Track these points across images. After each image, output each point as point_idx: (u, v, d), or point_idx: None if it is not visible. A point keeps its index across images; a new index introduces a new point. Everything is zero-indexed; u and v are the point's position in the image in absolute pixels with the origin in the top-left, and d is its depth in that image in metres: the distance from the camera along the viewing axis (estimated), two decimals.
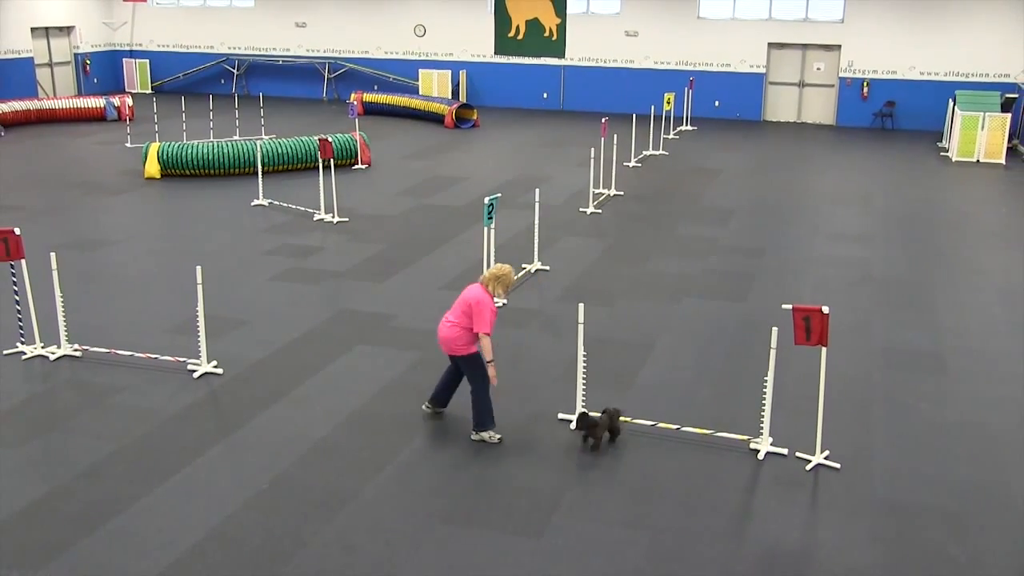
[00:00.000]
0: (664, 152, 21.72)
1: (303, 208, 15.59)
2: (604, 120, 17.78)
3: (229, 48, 30.56)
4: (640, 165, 20.16)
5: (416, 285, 11.88)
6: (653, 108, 22.90)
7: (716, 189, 18.03)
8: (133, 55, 31.29)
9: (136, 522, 6.65)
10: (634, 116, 21.43)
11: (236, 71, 30.39)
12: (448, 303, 8.46)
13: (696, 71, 26.83)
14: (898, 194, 17.93)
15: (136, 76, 30.79)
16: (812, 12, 26.05)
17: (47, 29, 28.49)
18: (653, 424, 8.16)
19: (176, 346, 9.71)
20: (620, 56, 27.61)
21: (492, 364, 7.77)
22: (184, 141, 19.17)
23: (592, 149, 16.96)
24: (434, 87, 28.15)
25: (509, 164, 20.13)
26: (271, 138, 19.95)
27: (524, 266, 12.60)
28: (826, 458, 7.66)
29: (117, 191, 16.92)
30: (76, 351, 9.52)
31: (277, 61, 30.12)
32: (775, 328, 7.72)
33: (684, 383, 9.18)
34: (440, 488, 7.21)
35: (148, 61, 30.86)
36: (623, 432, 8.00)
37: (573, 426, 8.06)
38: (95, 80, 30.17)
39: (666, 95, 23.32)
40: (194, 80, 30.70)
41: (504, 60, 26.45)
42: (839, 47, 25.98)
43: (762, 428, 7.86)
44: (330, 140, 15.41)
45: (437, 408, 8.32)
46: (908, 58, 25.42)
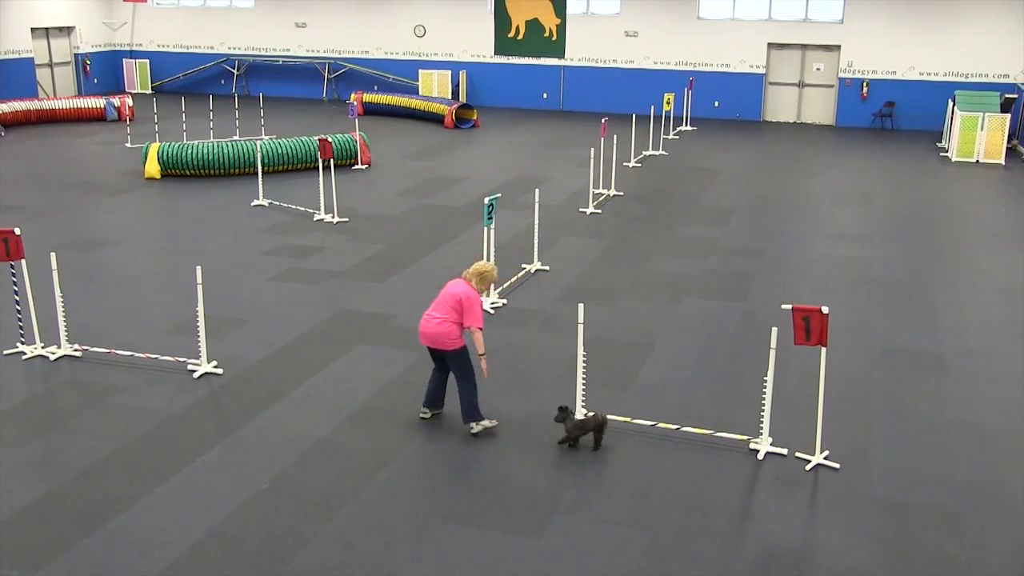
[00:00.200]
0: (664, 152, 21.73)
1: (303, 208, 15.59)
2: (604, 120, 17.79)
3: (229, 48, 30.56)
4: (640, 165, 20.17)
5: (416, 285, 11.87)
6: (653, 108, 22.91)
7: (716, 189, 18.04)
8: (133, 55, 31.29)
9: (136, 522, 6.66)
10: (634, 116, 21.43)
11: (236, 71, 30.39)
12: None
13: (696, 71, 26.83)
14: (898, 194, 17.93)
15: (136, 76, 30.80)
16: (812, 12, 26.05)
17: (47, 29, 28.49)
18: (653, 424, 8.16)
19: (176, 346, 9.71)
20: (620, 56, 27.62)
21: (485, 357, 7.87)
22: (184, 141, 19.18)
23: (592, 149, 16.96)
24: (434, 87, 28.15)
25: (509, 164, 20.14)
26: (271, 138, 19.96)
27: (524, 266, 12.61)
28: (826, 458, 7.67)
29: (117, 191, 16.92)
30: (76, 351, 9.52)
31: (277, 61, 30.12)
32: (775, 328, 7.72)
33: (684, 383, 9.19)
34: (440, 488, 7.22)
35: (148, 61, 30.87)
36: (625, 437, 8.01)
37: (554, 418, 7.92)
38: (95, 80, 30.17)
39: (666, 95, 23.32)
40: (194, 80, 30.70)
41: (504, 60, 26.45)
42: (839, 47, 25.99)
43: (762, 428, 7.86)
44: (330, 140, 15.42)
45: (435, 411, 8.32)
46: (908, 58, 25.42)
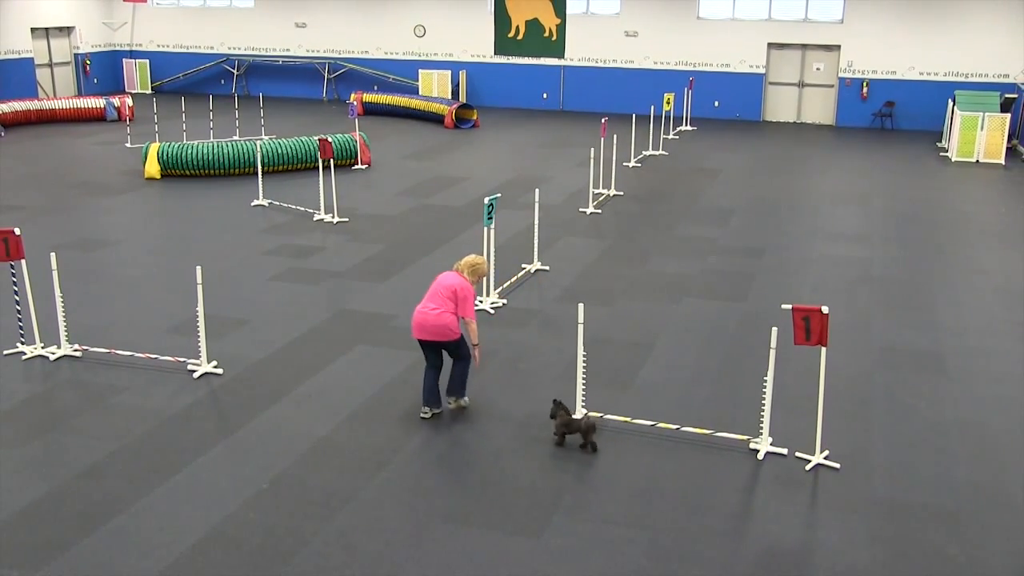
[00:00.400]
0: (664, 152, 21.73)
1: (303, 208, 15.59)
2: (604, 120, 17.79)
3: (229, 48, 30.57)
4: (640, 165, 20.17)
5: (416, 285, 11.83)
6: (653, 108, 22.91)
7: (716, 189, 18.04)
8: (133, 55, 31.30)
9: (136, 522, 6.65)
10: (634, 116, 21.44)
11: (236, 71, 30.39)
12: None
13: (696, 71, 26.84)
14: (897, 194, 17.94)
15: (136, 76, 30.80)
16: (812, 12, 26.06)
17: (47, 29, 28.50)
18: (653, 424, 8.16)
19: (176, 346, 9.71)
20: (620, 56, 27.62)
21: (479, 347, 8.23)
22: (184, 141, 19.18)
23: (592, 149, 16.97)
24: (434, 87, 28.15)
25: (509, 164, 20.14)
26: (271, 138, 19.96)
27: (524, 266, 12.61)
28: (826, 458, 7.67)
29: (117, 191, 16.92)
30: (76, 351, 9.52)
31: (277, 61, 30.12)
32: (775, 328, 7.72)
33: (684, 383, 9.19)
34: (440, 488, 7.22)
35: (148, 61, 30.88)
36: (625, 437, 8.01)
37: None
38: (95, 80, 30.18)
39: (666, 95, 23.33)
40: (194, 80, 30.71)
41: (504, 60, 26.46)
42: (839, 47, 25.99)
43: (762, 428, 7.86)
44: (330, 140, 15.43)
45: (435, 410, 8.32)
46: (907, 58, 25.43)
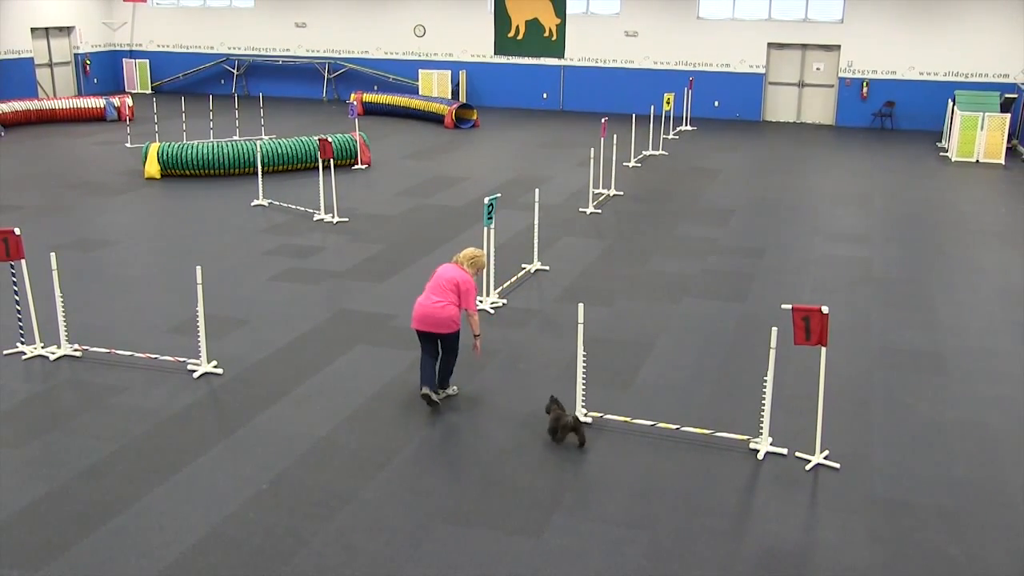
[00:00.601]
0: (664, 152, 21.73)
1: (303, 208, 15.59)
2: (604, 120, 17.79)
3: (229, 48, 30.57)
4: (640, 165, 20.17)
5: (416, 285, 11.78)
6: (653, 108, 22.91)
7: (716, 189, 18.04)
8: (133, 55, 31.30)
9: (136, 522, 6.66)
10: (634, 116, 21.44)
11: (236, 71, 30.39)
12: None
13: (696, 71, 26.84)
14: (898, 194, 17.94)
15: (136, 76, 30.81)
16: (812, 12, 26.06)
17: (47, 29, 28.50)
18: (653, 424, 8.17)
19: (176, 346, 9.71)
20: (620, 56, 27.62)
21: (480, 338, 8.55)
22: (184, 141, 19.18)
23: (592, 149, 16.97)
24: (434, 87, 28.16)
25: (509, 164, 20.14)
26: (271, 138, 19.96)
27: (524, 266, 12.61)
28: (826, 458, 7.67)
29: (117, 191, 16.92)
30: (76, 351, 9.52)
31: (277, 61, 30.13)
32: (775, 328, 7.72)
33: (684, 383, 9.19)
34: (440, 488, 7.22)
35: (148, 61, 30.89)
36: (625, 437, 8.02)
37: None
38: (95, 80, 30.18)
39: (666, 95, 23.33)
40: (194, 80, 30.71)
41: (504, 60, 26.47)
42: (839, 47, 25.99)
43: (762, 428, 7.86)
44: (330, 140, 15.42)
45: (435, 392, 8.35)
46: (907, 58, 25.43)
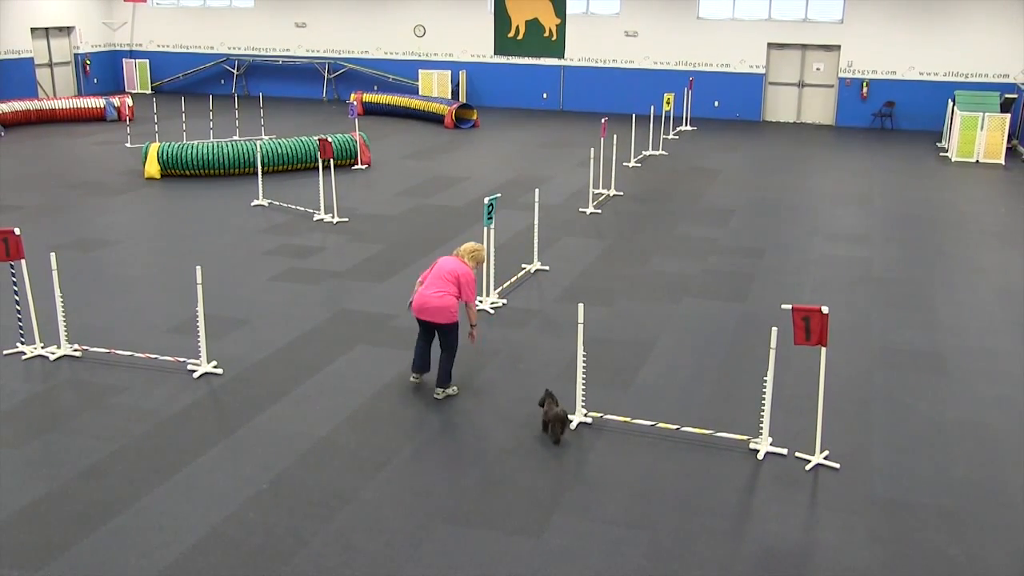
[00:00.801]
0: (664, 152, 21.73)
1: (303, 208, 15.59)
2: (604, 120, 17.79)
3: (229, 48, 30.57)
4: (640, 165, 20.17)
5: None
6: (653, 108, 22.91)
7: (716, 189, 18.04)
8: (133, 55, 31.30)
9: (136, 522, 6.66)
10: (634, 116, 21.44)
11: (236, 71, 30.39)
12: None
13: (696, 71, 26.84)
14: (897, 194, 17.94)
15: (136, 76, 30.80)
16: (812, 12, 26.05)
17: (47, 29, 28.50)
18: (653, 424, 8.17)
19: (176, 346, 9.71)
20: (620, 56, 27.62)
21: (477, 328, 8.81)
22: (184, 141, 19.18)
23: (592, 149, 16.97)
24: (434, 87, 28.15)
25: (509, 164, 20.14)
26: (271, 138, 19.96)
27: (524, 266, 12.61)
28: (825, 458, 7.67)
29: (117, 191, 16.92)
30: (76, 351, 9.52)
31: (277, 61, 30.13)
32: (775, 328, 7.72)
33: (684, 383, 9.19)
34: (440, 488, 7.22)
35: (148, 61, 30.88)
36: (625, 437, 8.03)
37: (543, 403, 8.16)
38: (95, 80, 30.18)
39: (666, 95, 23.33)
40: (194, 80, 30.71)
41: (504, 60, 26.47)
42: (839, 47, 25.99)
43: (762, 428, 7.87)
44: (330, 140, 15.43)
45: (422, 374, 8.88)
46: (907, 58, 25.43)
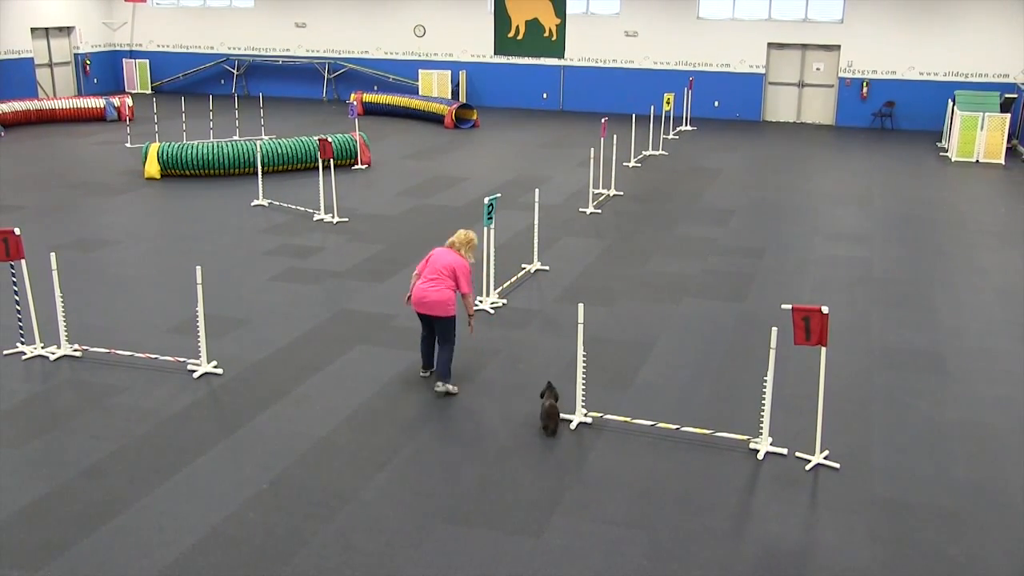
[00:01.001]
0: (664, 152, 21.73)
1: (303, 208, 15.59)
2: (604, 120, 17.79)
3: (229, 48, 30.57)
4: (640, 165, 20.17)
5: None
6: (653, 108, 22.91)
7: (716, 189, 18.04)
8: (133, 55, 31.30)
9: (136, 522, 6.66)
10: (634, 116, 21.44)
11: (236, 71, 30.39)
12: None
13: (696, 71, 26.84)
14: (897, 194, 17.94)
15: (136, 76, 30.80)
16: (812, 12, 26.05)
17: (47, 29, 28.49)
18: (653, 424, 8.17)
19: (176, 346, 9.71)
20: (620, 56, 27.62)
21: (474, 317, 8.94)
22: (184, 141, 19.18)
23: (592, 149, 16.97)
24: (434, 87, 28.15)
25: (509, 164, 20.14)
26: (271, 138, 19.96)
27: (524, 266, 12.61)
28: (826, 458, 7.67)
29: (117, 191, 16.92)
30: (76, 351, 9.52)
31: (277, 61, 30.12)
32: (775, 328, 7.72)
33: (684, 383, 9.19)
34: (440, 488, 7.22)
35: (148, 61, 30.88)
36: (625, 437, 8.03)
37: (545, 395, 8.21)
38: (95, 80, 30.18)
39: (666, 95, 23.33)
40: (194, 80, 30.71)
41: (504, 60, 26.47)
42: (839, 47, 25.99)
43: (762, 428, 7.87)
44: (330, 140, 15.43)
45: (431, 370, 9.03)
46: (907, 58, 25.43)
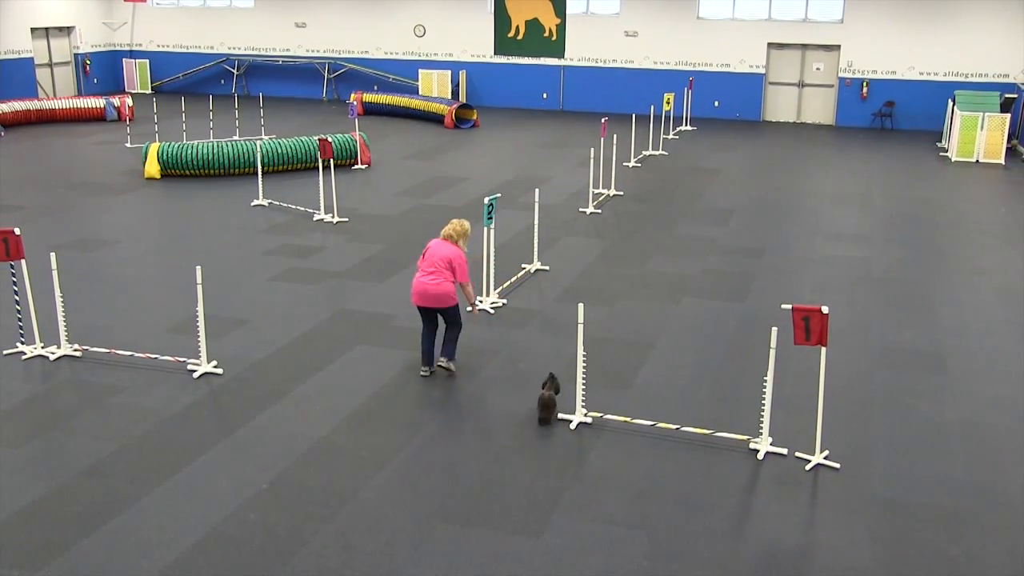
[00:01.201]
0: (664, 152, 21.73)
1: (303, 208, 15.59)
2: (604, 120, 17.79)
3: (229, 48, 30.56)
4: (640, 165, 20.17)
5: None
6: (653, 108, 22.91)
7: (716, 189, 18.04)
8: (133, 55, 31.29)
9: (136, 522, 6.66)
10: (634, 116, 21.43)
11: (236, 71, 30.39)
12: None
13: (696, 71, 26.84)
14: (897, 194, 17.94)
15: (136, 76, 30.80)
16: (812, 12, 26.05)
17: (47, 29, 28.49)
18: (653, 424, 8.17)
19: (176, 346, 9.71)
20: (620, 56, 27.62)
21: (476, 306, 9.28)
22: (184, 141, 19.17)
23: (592, 149, 16.97)
24: (434, 87, 28.15)
25: (509, 164, 20.14)
26: (271, 138, 19.96)
27: (524, 266, 12.61)
28: (826, 458, 7.67)
29: (117, 191, 16.92)
30: (76, 351, 9.52)
31: (277, 61, 30.12)
32: (775, 328, 7.72)
33: (684, 383, 9.19)
34: (440, 488, 7.22)
35: (148, 61, 30.87)
36: (625, 437, 8.03)
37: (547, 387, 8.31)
38: (95, 80, 30.17)
39: (666, 95, 23.32)
40: (194, 80, 30.70)
41: (504, 60, 26.47)
42: (839, 47, 25.99)
43: (762, 428, 7.86)
44: (330, 140, 15.42)
45: (432, 368, 9.13)
46: (907, 58, 25.43)
